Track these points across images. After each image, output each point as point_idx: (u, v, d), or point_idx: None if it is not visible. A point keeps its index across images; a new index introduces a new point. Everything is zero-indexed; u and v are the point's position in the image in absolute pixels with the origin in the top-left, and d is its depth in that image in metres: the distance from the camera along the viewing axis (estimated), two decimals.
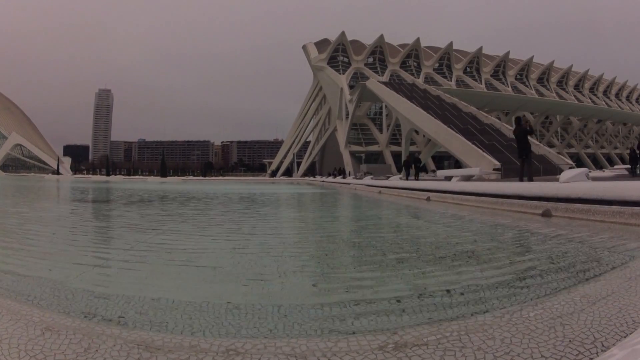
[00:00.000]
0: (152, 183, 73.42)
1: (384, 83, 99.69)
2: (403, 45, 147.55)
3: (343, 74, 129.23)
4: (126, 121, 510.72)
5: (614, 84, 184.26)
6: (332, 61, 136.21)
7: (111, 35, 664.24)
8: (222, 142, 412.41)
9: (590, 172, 21.62)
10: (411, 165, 50.93)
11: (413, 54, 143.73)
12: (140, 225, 13.44)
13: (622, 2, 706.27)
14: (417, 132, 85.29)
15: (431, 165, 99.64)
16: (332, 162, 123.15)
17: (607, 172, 56.63)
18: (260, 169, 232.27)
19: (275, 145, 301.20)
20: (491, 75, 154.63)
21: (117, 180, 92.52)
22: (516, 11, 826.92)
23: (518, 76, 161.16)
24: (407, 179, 47.27)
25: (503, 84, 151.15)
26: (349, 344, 3.42)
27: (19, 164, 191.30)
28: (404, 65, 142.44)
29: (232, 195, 33.73)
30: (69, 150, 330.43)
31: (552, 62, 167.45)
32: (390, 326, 4.04)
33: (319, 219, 16.52)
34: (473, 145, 50.98)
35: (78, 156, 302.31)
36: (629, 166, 42.64)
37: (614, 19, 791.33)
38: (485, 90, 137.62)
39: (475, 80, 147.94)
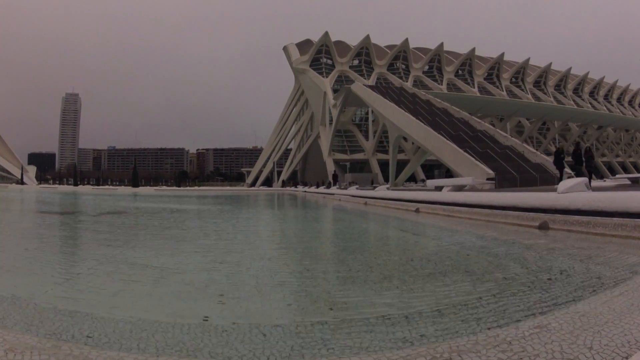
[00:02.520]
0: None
1: (370, 87, 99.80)
2: (391, 47, 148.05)
3: (326, 77, 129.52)
4: (95, 127, 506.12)
5: (616, 88, 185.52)
6: (315, 63, 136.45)
7: (79, 36, 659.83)
8: (197, 149, 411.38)
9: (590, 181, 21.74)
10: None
11: (401, 56, 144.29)
12: (110, 240, 13.37)
13: (624, 2, 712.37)
14: (405, 139, 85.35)
15: (421, 174, 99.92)
16: (315, 171, 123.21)
17: (609, 182, 56.98)
18: (238, 178, 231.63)
19: (254, 153, 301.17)
20: (485, 79, 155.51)
21: (87, 191, 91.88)
22: (512, 10, 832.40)
23: (513, 79, 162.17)
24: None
25: (497, 87, 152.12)
26: None
27: None
28: (391, 67, 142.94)
29: None
30: (34, 158, 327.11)
31: (550, 64, 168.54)
32: (377, 346, 4.01)
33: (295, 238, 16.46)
34: (465, 153, 51.09)
35: (44, 165, 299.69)
36: (634, 175, 42.92)
37: (615, 19, 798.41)
38: (479, 94, 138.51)
39: (468, 83, 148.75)
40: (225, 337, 4.29)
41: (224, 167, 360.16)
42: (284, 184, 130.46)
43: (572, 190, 16.29)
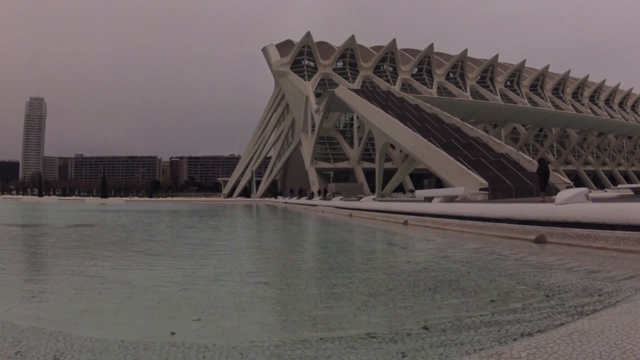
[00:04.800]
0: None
1: (355, 91, 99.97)
2: (377, 48, 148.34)
3: (309, 80, 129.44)
4: (61, 134, 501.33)
5: (618, 92, 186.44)
6: (297, 66, 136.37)
7: (43, 36, 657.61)
8: (170, 158, 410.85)
9: (590, 192, 21.83)
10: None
11: (388, 58, 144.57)
12: (78, 254, 13.32)
13: (627, 2, 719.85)
14: (392, 146, 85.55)
15: (409, 184, 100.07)
16: (296, 181, 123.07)
17: (610, 193, 57.31)
18: (214, 188, 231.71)
19: (231, 162, 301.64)
20: (477, 82, 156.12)
21: (52, 202, 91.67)
22: (507, 9, 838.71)
23: (508, 83, 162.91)
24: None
25: (491, 91, 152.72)
26: None
27: None
28: (378, 70, 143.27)
29: None
30: None
31: (547, 66, 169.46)
32: None
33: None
34: (457, 162, 51.22)
35: (6, 174, 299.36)
36: (636, 185, 43.11)
37: (616, 19, 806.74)
38: (471, 98, 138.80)
39: (460, 87, 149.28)
40: (201, 358, 4.25)
41: (199, 176, 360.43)
42: (263, 195, 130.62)
43: (571, 202, 16.31)
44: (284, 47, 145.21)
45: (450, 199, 34.78)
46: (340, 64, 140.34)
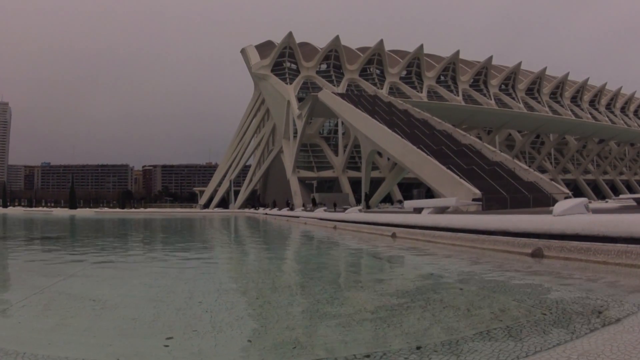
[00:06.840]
0: None
1: (340, 94, 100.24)
2: (363, 49, 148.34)
3: (290, 83, 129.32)
4: (27, 141, 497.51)
5: (619, 96, 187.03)
6: (277, 68, 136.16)
7: (7, 37, 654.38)
8: (143, 166, 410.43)
9: (590, 202, 21.89)
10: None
11: (375, 60, 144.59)
12: (45, 269, 13.26)
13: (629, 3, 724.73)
14: (380, 154, 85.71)
15: (397, 194, 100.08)
16: (277, 191, 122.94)
17: (611, 203, 57.57)
18: (190, 198, 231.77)
19: (208, 171, 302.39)
20: (470, 86, 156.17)
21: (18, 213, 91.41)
22: (502, 9, 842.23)
23: (503, 86, 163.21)
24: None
25: (485, 95, 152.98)
26: None
27: None
28: (364, 72, 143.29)
29: None
30: None
31: (545, 69, 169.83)
32: None
33: None
34: (448, 171, 51.33)
35: None
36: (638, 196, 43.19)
37: (618, 19, 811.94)
38: (463, 103, 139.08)
39: (451, 91, 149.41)
40: None
41: (174, 186, 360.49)
42: (242, 206, 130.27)
43: (569, 213, 16.33)
44: (264, 48, 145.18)
45: (441, 210, 34.85)
46: (324, 66, 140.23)
